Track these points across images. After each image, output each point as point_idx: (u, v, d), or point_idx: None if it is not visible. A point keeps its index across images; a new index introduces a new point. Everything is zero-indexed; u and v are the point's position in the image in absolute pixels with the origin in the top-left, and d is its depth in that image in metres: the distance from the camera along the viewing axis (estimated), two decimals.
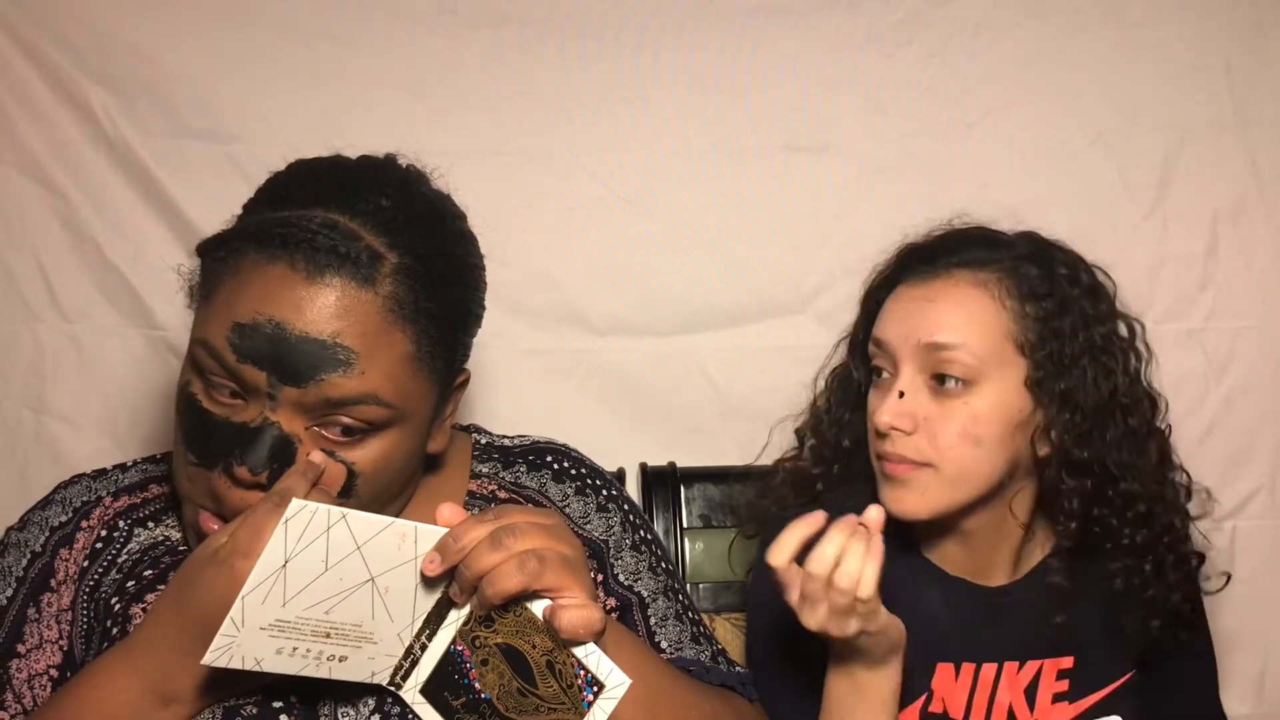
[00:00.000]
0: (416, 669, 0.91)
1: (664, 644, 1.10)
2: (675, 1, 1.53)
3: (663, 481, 1.51)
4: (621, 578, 1.10)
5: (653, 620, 1.10)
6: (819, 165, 1.56)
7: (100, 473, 1.10)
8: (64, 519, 1.04)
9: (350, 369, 0.91)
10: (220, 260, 0.95)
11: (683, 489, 1.50)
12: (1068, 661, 1.22)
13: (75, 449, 1.49)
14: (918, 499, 1.16)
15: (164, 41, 1.48)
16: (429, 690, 0.91)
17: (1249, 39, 1.58)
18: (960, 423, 1.14)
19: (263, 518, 0.85)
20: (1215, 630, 1.51)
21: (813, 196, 1.57)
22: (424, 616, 0.90)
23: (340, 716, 0.94)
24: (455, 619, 0.90)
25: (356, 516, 0.85)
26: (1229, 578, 1.30)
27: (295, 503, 0.83)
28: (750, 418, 1.57)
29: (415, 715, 0.93)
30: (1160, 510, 1.22)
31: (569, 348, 1.56)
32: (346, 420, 0.93)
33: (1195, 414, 1.57)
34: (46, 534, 1.04)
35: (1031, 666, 1.22)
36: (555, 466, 1.14)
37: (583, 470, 1.15)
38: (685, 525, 1.49)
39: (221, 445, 0.93)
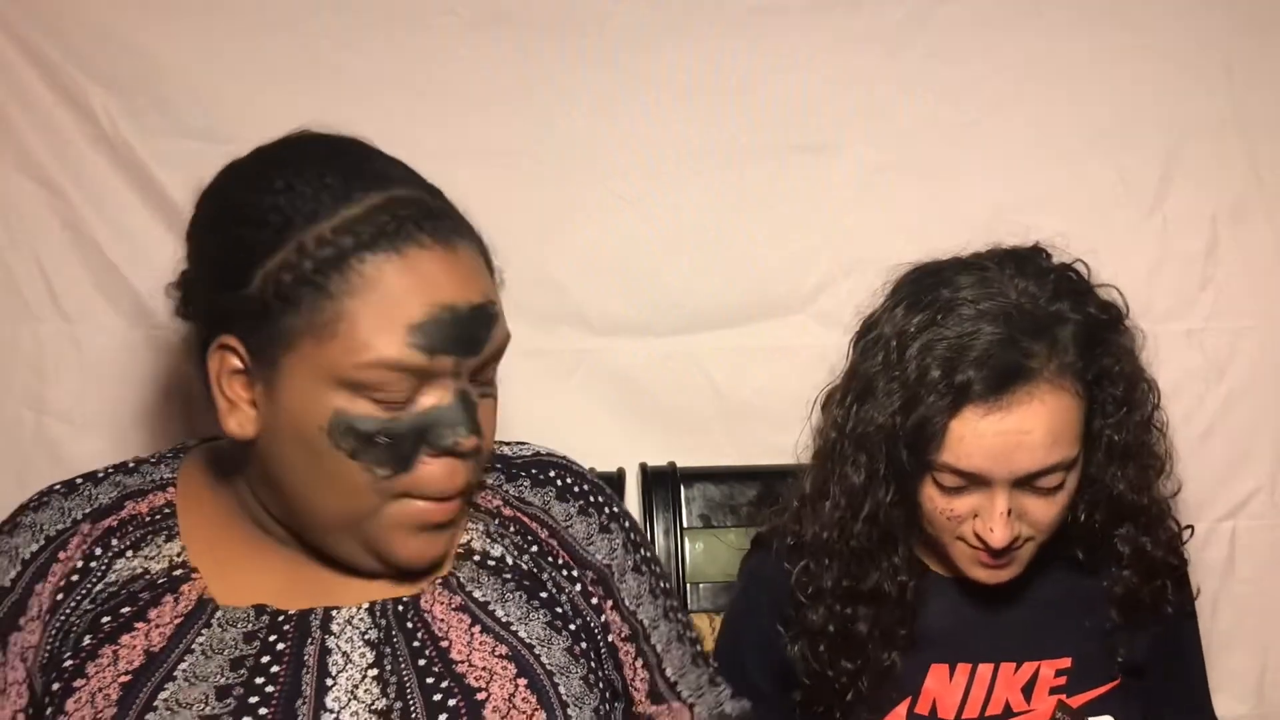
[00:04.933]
0: None
1: (669, 670, 1.10)
2: (675, 1, 1.53)
3: (663, 481, 1.51)
4: (627, 602, 1.08)
5: (659, 647, 1.09)
6: (819, 165, 1.56)
7: (70, 488, 1.02)
8: (36, 548, 0.98)
9: (500, 319, 0.95)
10: (318, 290, 0.88)
11: (683, 489, 1.50)
12: (1065, 662, 1.23)
13: (75, 449, 1.49)
14: (1015, 570, 1.18)
15: (164, 41, 1.47)
16: None
17: (1249, 39, 1.58)
18: (1060, 506, 1.16)
19: None
20: (1215, 630, 1.52)
21: (813, 196, 1.56)
22: None
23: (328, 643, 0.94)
24: None
25: None
26: (1199, 590, 1.32)
27: None
28: (750, 418, 1.57)
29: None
30: (1165, 515, 1.24)
31: (569, 348, 1.56)
32: (492, 368, 0.97)
33: (1195, 414, 1.57)
34: (18, 568, 0.97)
35: (1029, 668, 1.22)
36: (559, 483, 1.10)
37: (585, 488, 1.12)
38: (685, 525, 1.49)
39: (420, 436, 0.92)
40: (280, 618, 0.95)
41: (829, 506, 1.19)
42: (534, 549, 1.05)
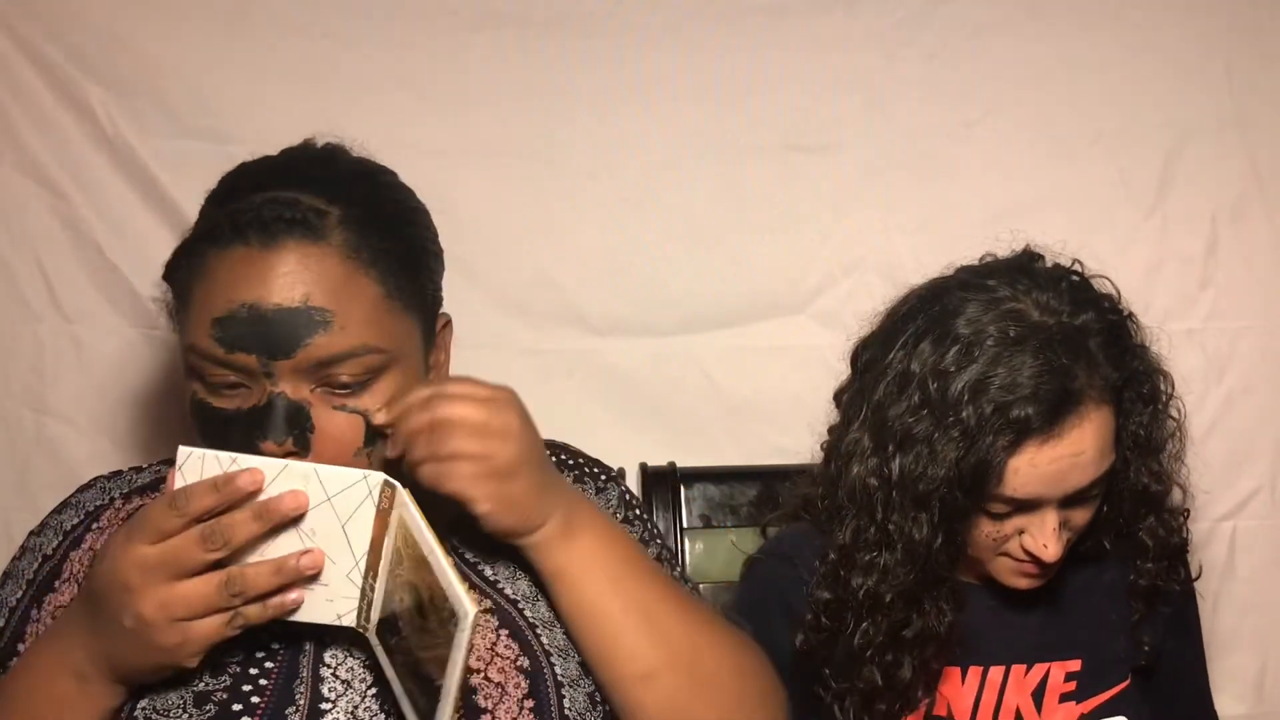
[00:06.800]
0: (372, 609, 0.91)
1: None
2: (675, 1, 1.53)
3: (663, 481, 1.51)
4: None
5: None
6: (819, 165, 1.56)
7: (116, 474, 1.12)
8: (76, 521, 1.06)
9: (330, 327, 0.93)
10: (185, 270, 0.97)
11: (683, 489, 1.50)
12: (1075, 664, 1.23)
13: (75, 449, 1.49)
14: (1054, 572, 1.18)
15: (164, 41, 1.48)
16: (380, 631, 0.92)
17: (1249, 39, 1.58)
18: (1095, 506, 1.16)
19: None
20: (1215, 630, 1.51)
21: (813, 196, 1.56)
22: (365, 557, 0.89)
23: (325, 659, 0.96)
24: (387, 554, 0.90)
25: (247, 459, 0.86)
26: (1200, 569, 1.31)
27: (183, 450, 0.85)
28: (750, 418, 1.57)
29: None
30: (1171, 509, 1.24)
31: (569, 348, 1.56)
32: (346, 376, 0.95)
33: (1195, 414, 1.55)
34: (60, 538, 1.05)
35: (1039, 669, 1.22)
36: (554, 459, 1.11)
37: (580, 460, 1.16)
38: (685, 525, 1.49)
39: (241, 432, 0.95)
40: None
41: (882, 561, 1.15)
42: None
